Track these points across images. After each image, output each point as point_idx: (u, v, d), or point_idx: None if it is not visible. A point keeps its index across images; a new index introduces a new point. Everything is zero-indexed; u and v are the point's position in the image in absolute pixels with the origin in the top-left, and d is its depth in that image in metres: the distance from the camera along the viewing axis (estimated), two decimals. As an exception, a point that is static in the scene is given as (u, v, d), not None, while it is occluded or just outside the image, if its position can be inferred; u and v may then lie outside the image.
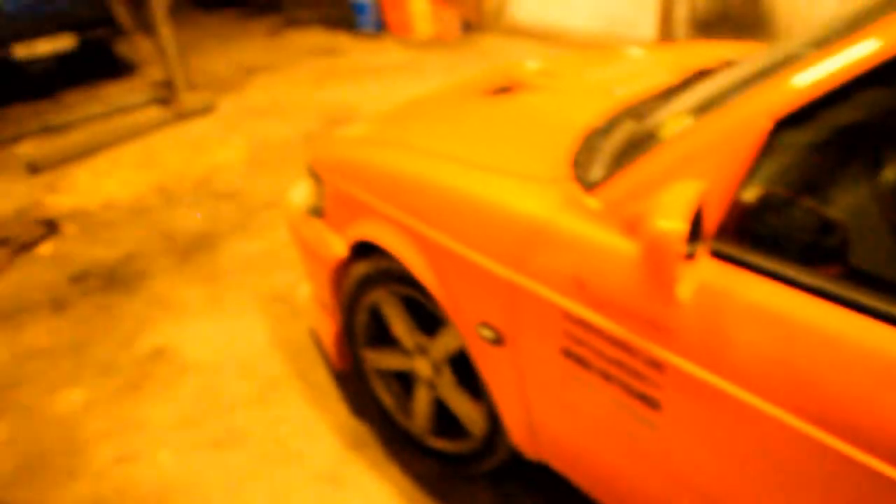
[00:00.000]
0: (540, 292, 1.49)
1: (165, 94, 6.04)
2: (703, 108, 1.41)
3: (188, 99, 5.77)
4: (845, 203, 1.20)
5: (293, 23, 8.96)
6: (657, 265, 1.10)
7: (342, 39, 8.09)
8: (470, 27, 7.81)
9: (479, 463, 2.08)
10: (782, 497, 1.20)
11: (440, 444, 2.17)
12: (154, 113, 5.72)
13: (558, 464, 1.78)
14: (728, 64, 2.01)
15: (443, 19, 7.61)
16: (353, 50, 7.58)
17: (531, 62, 2.62)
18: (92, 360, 2.92)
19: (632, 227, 1.35)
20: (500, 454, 1.99)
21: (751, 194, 1.24)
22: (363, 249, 2.15)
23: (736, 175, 1.23)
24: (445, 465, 2.20)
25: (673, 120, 1.47)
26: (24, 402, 2.72)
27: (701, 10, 5.89)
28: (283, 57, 7.49)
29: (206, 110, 5.80)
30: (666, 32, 6.03)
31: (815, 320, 1.10)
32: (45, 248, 3.89)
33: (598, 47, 6.40)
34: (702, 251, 1.25)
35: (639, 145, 1.47)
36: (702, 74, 1.93)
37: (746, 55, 2.15)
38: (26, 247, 3.91)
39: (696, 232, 1.19)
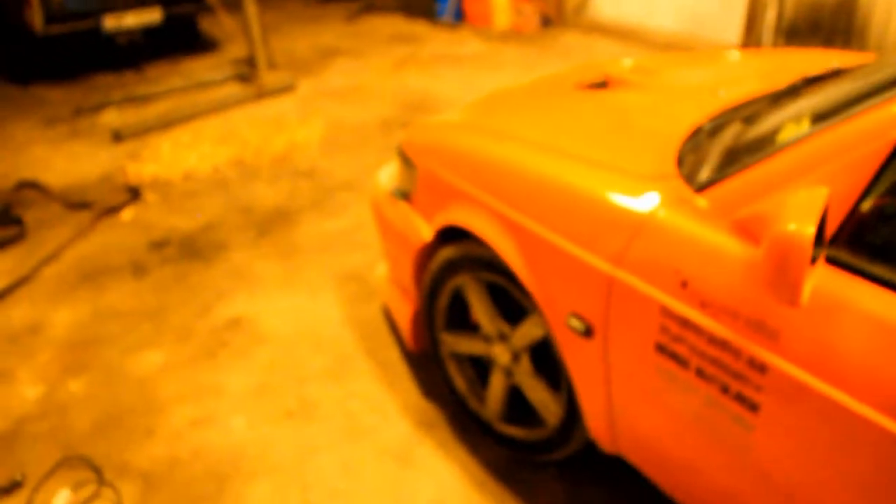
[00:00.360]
0: (638, 287, 1.48)
1: (246, 72, 6.17)
2: (823, 116, 1.39)
3: (269, 78, 5.88)
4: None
5: (372, 9, 9.03)
6: (783, 267, 1.09)
7: (421, 28, 8.13)
8: (549, 22, 7.76)
9: (549, 452, 2.08)
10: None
11: (511, 430, 2.18)
12: (235, 89, 5.85)
13: (636, 459, 1.77)
14: (837, 72, 1.97)
15: (522, 12, 7.58)
16: (432, 39, 7.61)
17: (627, 60, 2.60)
18: (170, 325, 3.01)
19: (744, 229, 1.33)
20: (573, 444, 1.99)
21: (871, 204, 1.22)
22: (449, 234, 2.17)
23: (858, 183, 1.21)
24: (514, 451, 2.20)
25: (791, 125, 1.44)
26: (104, 361, 2.82)
27: (790, 17, 5.73)
28: (362, 42, 7.57)
29: (285, 90, 5.91)
30: (752, 37, 5.89)
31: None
32: (128, 214, 4.02)
33: (681, 49, 6.30)
34: (820, 257, 1.23)
35: (753, 149, 1.46)
36: (810, 81, 1.89)
37: (855, 63, 2.10)
38: (110, 211, 4.04)
39: (818, 238, 1.18)
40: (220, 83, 6.16)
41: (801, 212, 1.09)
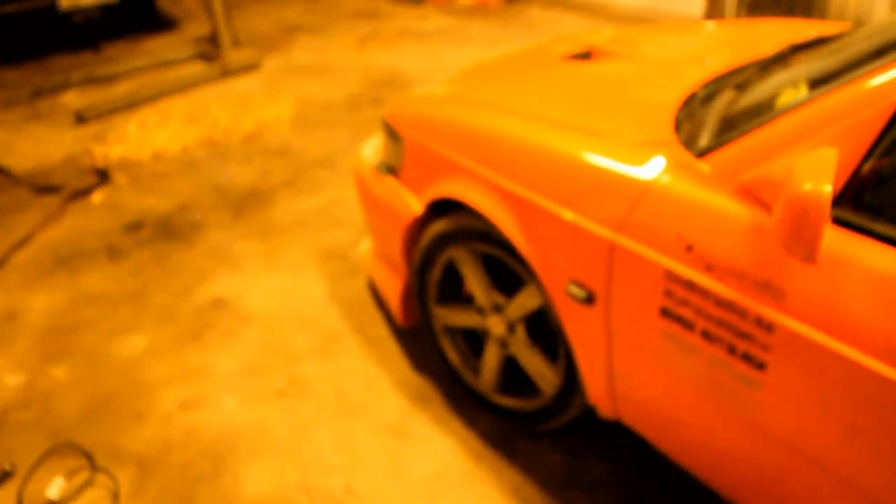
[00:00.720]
0: (642, 252, 1.50)
1: (209, 51, 6.04)
2: (820, 81, 1.42)
3: (233, 56, 5.77)
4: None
5: (332, -16, 8.90)
6: (800, 226, 1.11)
7: (383, 4, 8.04)
8: (512, -4, 7.74)
9: (546, 421, 2.11)
10: (889, 459, 1.22)
11: (506, 401, 2.20)
12: (199, 68, 5.73)
13: (637, 423, 1.80)
14: (821, 40, 2.01)
15: (486, -13, 7.54)
16: (395, 15, 7.54)
17: (606, 31, 2.61)
18: (151, 308, 2.97)
19: (748, 192, 1.36)
20: (570, 413, 2.02)
21: (874, 165, 1.25)
22: (438, 207, 2.17)
23: (861, 145, 1.24)
24: (510, 422, 2.23)
25: (789, 91, 1.47)
26: (85, 346, 2.77)
27: (752, -12, 5.80)
28: (325, 18, 7.47)
29: (251, 68, 5.81)
30: (715, 10, 5.95)
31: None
32: (98, 197, 3.94)
33: (645, 22, 6.34)
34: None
35: (752, 114, 1.48)
36: (796, 49, 1.92)
37: (832, 32, 2.14)
38: (79, 194, 3.95)
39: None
40: (183, 62, 6.03)
41: (815, 171, 1.12)
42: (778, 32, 2.32)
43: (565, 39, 2.64)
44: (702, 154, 1.49)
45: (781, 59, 1.84)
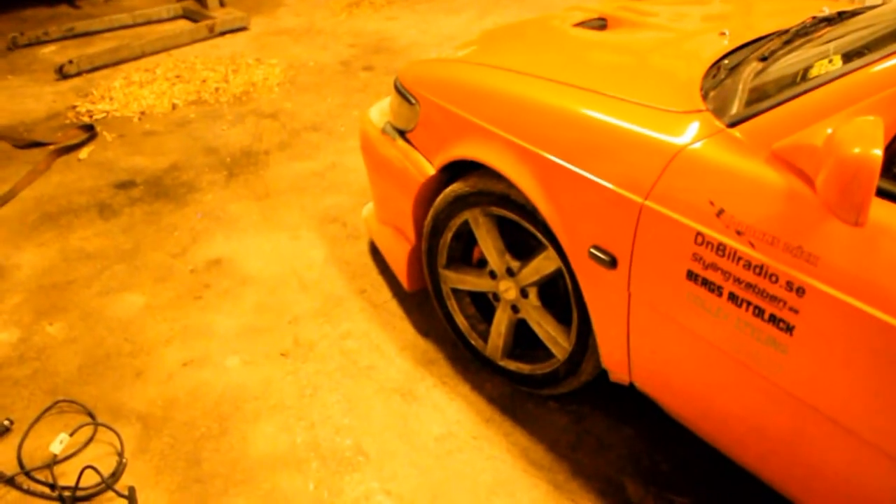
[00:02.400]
0: (671, 216, 1.52)
1: (194, 10, 5.91)
2: (854, 53, 1.44)
3: (221, 16, 5.65)
4: None
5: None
6: (849, 189, 1.13)
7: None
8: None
9: (555, 385, 2.13)
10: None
11: (514, 366, 2.22)
12: (186, 27, 5.60)
13: (653, 387, 1.83)
14: (844, 13, 2.03)
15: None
16: (383, -21, 7.43)
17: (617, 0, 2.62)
18: (146, 267, 2.93)
19: (784, 159, 1.38)
20: (581, 377, 2.04)
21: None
22: (449, 170, 2.17)
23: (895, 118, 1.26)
24: (517, 385, 2.25)
25: (822, 63, 1.49)
26: (80, 303, 2.73)
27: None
28: (311, -19, 7.33)
29: (238, 29, 5.70)
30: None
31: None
32: (85, 153, 3.85)
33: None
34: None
35: (785, 85, 1.50)
36: (820, 21, 1.94)
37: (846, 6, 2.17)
38: (65, 150, 3.86)
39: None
40: (168, 21, 5.89)
41: (864, 136, 1.14)
42: (788, 4, 2.35)
43: (574, 8, 2.63)
44: (734, 123, 1.51)
45: (805, 31, 1.86)
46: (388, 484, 1.99)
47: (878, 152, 1.10)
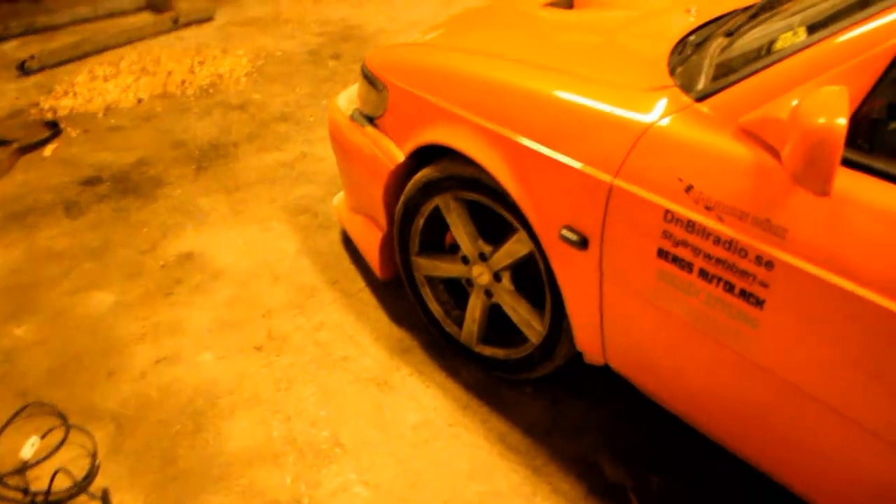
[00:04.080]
0: (640, 194, 1.50)
1: (158, 1, 5.80)
2: (818, 25, 1.43)
3: (186, 7, 5.55)
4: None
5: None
6: (814, 159, 1.13)
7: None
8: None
9: (531, 370, 2.13)
10: (889, 391, 1.26)
11: (489, 351, 2.21)
12: (149, 19, 5.50)
13: (627, 367, 1.83)
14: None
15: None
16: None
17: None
18: (115, 264, 2.88)
19: (750, 133, 1.37)
20: (556, 360, 2.04)
21: (875, 105, 1.27)
22: (419, 157, 2.14)
23: (862, 87, 1.26)
24: (493, 371, 2.24)
25: (786, 35, 1.48)
26: (48, 304, 2.68)
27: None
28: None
29: (203, 20, 5.61)
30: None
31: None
32: (49, 151, 3.77)
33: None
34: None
35: (750, 59, 1.49)
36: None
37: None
38: (29, 148, 3.78)
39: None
40: (132, 13, 5.78)
41: (828, 106, 1.13)
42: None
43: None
44: (701, 98, 1.50)
45: (770, 5, 1.85)
46: (365, 475, 1.97)
47: (843, 121, 1.10)
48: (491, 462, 1.99)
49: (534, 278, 2.02)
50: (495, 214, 2.00)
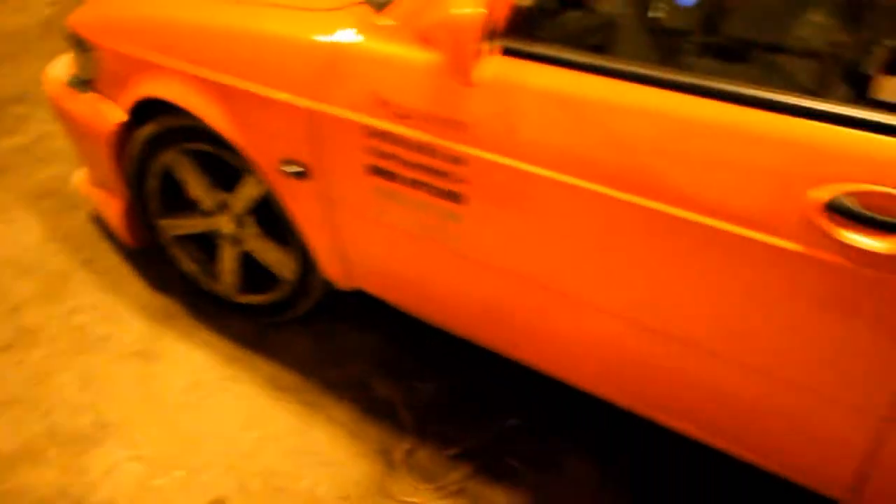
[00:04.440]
0: (342, 115, 1.52)
1: None
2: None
3: None
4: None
5: None
6: (455, 48, 1.18)
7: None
8: None
9: (293, 308, 2.13)
10: (582, 251, 1.38)
11: (250, 298, 2.19)
12: None
13: (374, 287, 1.88)
14: None
15: None
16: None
17: None
18: None
19: (424, 36, 1.41)
20: (313, 295, 2.05)
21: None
22: (142, 115, 2.04)
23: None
24: (258, 318, 2.23)
25: None
26: None
27: None
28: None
29: None
30: None
31: (589, 93, 1.25)
32: None
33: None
34: (494, 49, 1.34)
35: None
36: None
37: None
38: None
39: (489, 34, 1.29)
40: None
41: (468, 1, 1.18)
42: None
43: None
44: (381, 8, 1.52)
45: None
46: (135, 449, 1.90)
47: (471, 11, 1.15)
48: (264, 405, 1.99)
49: (279, 216, 2.01)
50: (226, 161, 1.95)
